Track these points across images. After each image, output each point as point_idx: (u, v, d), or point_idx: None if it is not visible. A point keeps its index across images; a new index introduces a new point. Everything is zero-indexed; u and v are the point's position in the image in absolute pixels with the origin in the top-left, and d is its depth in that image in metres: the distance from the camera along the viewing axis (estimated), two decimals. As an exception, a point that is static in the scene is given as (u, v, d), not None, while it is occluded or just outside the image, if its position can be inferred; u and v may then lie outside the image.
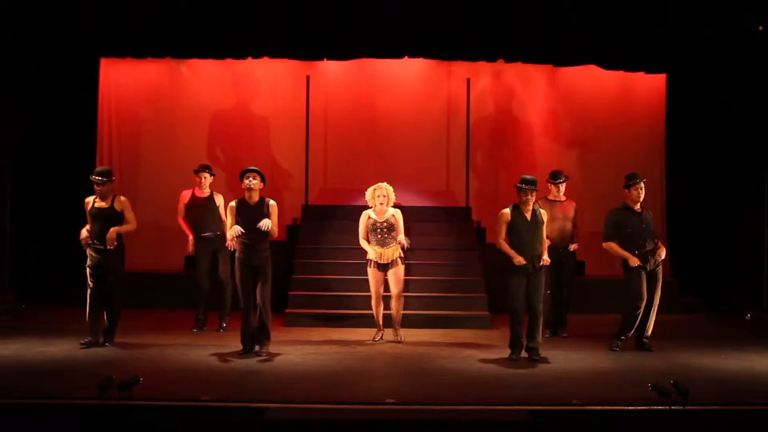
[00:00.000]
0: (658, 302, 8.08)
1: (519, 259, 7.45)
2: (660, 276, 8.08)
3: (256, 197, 7.59)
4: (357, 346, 8.21)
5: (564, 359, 7.56)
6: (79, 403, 5.62)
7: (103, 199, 7.84)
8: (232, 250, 7.89)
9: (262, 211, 7.55)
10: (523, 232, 7.53)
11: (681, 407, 5.50)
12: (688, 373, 6.80)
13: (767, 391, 6.26)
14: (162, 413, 5.55)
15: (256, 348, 7.59)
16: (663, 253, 8.08)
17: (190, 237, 9.06)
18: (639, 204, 8.06)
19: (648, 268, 7.97)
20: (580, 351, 7.98)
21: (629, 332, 8.04)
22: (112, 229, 7.74)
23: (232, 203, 7.65)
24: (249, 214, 7.53)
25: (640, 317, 7.97)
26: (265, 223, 7.43)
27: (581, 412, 5.65)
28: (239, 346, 7.89)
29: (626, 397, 5.91)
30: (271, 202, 7.64)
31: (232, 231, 7.48)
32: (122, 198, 7.94)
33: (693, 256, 11.69)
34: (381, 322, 8.61)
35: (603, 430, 5.60)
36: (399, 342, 8.43)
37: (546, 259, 7.63)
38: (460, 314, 9.66)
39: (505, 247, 7.57)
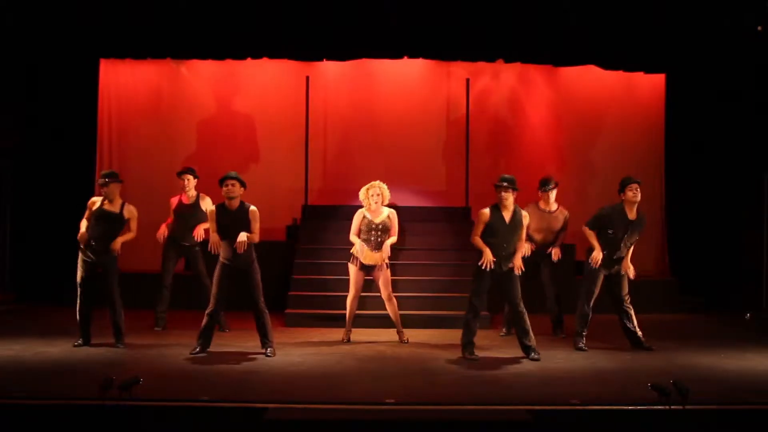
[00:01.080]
0: (629, 298, 8.11)
1: (487, 259, 7.40)
2: (625, 276, 8.07)
3: (236, 203, 7.50)
4: (356, 347, 8.21)
5: (564, 359, 7.56)
6: (80, 404, 5.62)
7: (110, 201, 7.84)
8: (200, 240, 8.56)
9: (242, 217, 7.48)
10: (499, 232, 7.47)
11: (681, 407, 5.50)
12: (688, 373, 6.80)
13: (767, 391, 6.26)
14: (162, 413, 5.56)
15: (265, 351, 7.57)
16: (631, 273, 8.05)
17: (164, 228, 9.04)
18: (635, 209, 7.96)
19: (613, 269, 8.03)
20: (579, 351, 7.98)
21: (584, 328, 8.10)
22: (118, 240, 7.77)
23: (212, 208, 7.62)
24: (229, 219, 7.48)
25: (591, 315, 8.09)
26: (241, 244, 7.37)
27: (581, 412, 5.66)
28: (241, 347, 7.92)
29: (626, 397, 5.91)
30: (252, 208, 7.55)
31: (213, 237, 7.53)
32: (132, 207, 7.94)
33: (693, 256, 11.70)
34: (351, 321, 8.57)
35: (603, 430, 5.60)
36: (405, 342, 8.43)
37: (519, 265, 7.53)
38: (459, 314, 9.62)
39: (480, 243, 7.50)
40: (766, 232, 11.30)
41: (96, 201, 7.90)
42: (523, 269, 7.60)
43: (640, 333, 8.10)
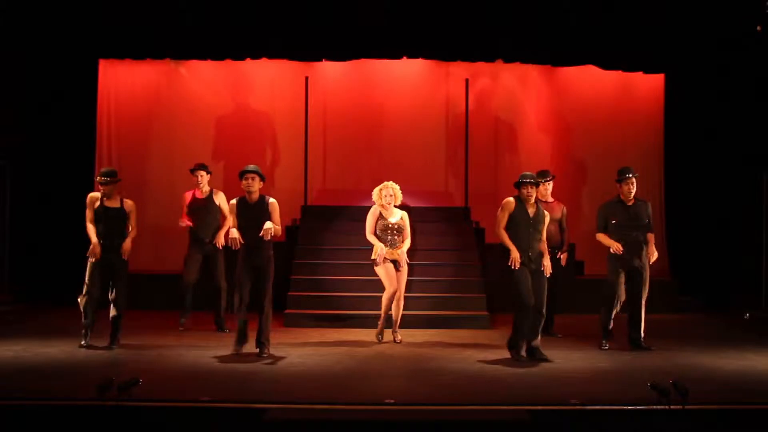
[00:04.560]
0: (645, 300, 8.10)
1: (514, 258, 7.32)
2: (646, 273, 8.08)
3: (256, 197, 7.61)
4: (356, 347, 8.21)
5: (563, 359, 7.56)
6: (79, 404, 5.62)
7: (108, 198, 7.84)
8: (221, 247, 8.64)
9: (262, 209, 7.56)
10: (522, 226, 7.44)
11: (680, 407, 5.50)
12: (688, 372, 6.81)
13: (766, 391, 6.27)
14: (162, 414, 5.56)
15: (258, 350, 7.57)
16: (653, 256, 8.07)
17: (185, 221, 9.05)
18: (632, 197, 8.10)
19: (633, 263, 8.00)
20: (579, 351, 7.99)
21: (608, 326, 8.11)
22: (127, 243, 7.80)
23: (233, 201, 7.70)
24: (250, 213, 7.57)
25: (615, 313, 8.08)
26: (268, 231, 7.44)
27: (581, 412, 5.65)
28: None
29: (626, 397, 5.92)
30: (271, 200, 7.65)
31: (233, 233, 7.52)
32: (130, 201, 7.98)
33: (692, 256, 11.70)
34: (385, 320, 8.53)
35: (602, 430, 5.60)
36: (397, 342, 8.42)
37: (547, 265, 7.49)
38: (459, 314, 9.66)
39: (506, 239, 7.43)
40: (765, 232, 11.30)
41: (95, 197, 7.86)
42: (552, 271, 7.57)
43: (642, 332, 8.08)
